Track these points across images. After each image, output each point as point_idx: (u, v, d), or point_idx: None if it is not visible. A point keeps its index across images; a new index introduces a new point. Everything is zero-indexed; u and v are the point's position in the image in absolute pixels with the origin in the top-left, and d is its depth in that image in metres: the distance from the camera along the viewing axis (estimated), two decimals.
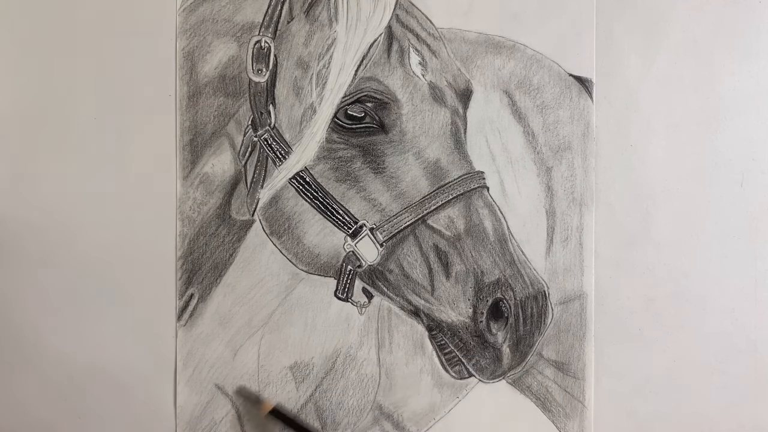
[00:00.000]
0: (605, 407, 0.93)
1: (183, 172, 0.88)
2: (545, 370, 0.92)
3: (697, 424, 0.94)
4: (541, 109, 0.93)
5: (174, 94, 0.88)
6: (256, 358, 0.89)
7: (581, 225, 0.93)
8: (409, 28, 0.88)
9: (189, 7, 0.88)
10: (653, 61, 0.94)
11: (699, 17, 0.94)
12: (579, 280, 0.93)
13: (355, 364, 0.90)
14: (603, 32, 0.93)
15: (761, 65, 0.95)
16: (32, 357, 0.88)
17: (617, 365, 0.93)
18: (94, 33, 0.88)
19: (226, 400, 0.89)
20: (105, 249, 0.88)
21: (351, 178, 0.87)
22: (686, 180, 0.94)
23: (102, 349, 0.88)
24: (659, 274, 0.94)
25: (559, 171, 0.93)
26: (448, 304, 0.86)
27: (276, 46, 0.87)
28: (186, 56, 0.88)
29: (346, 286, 0.88)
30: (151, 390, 0.88)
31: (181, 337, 0.88)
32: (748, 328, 0.95)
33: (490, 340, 0.86)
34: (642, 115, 0.94)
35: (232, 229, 0.88)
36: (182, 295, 0.88)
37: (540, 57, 0.92)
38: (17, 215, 0.87)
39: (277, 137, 0.87)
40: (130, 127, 0.88)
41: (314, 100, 0.86)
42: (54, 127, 0.87)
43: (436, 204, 0.86)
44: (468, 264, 0.86)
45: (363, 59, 0.86)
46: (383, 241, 0.86)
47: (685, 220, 0.94)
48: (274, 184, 0.87)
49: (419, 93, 0.87)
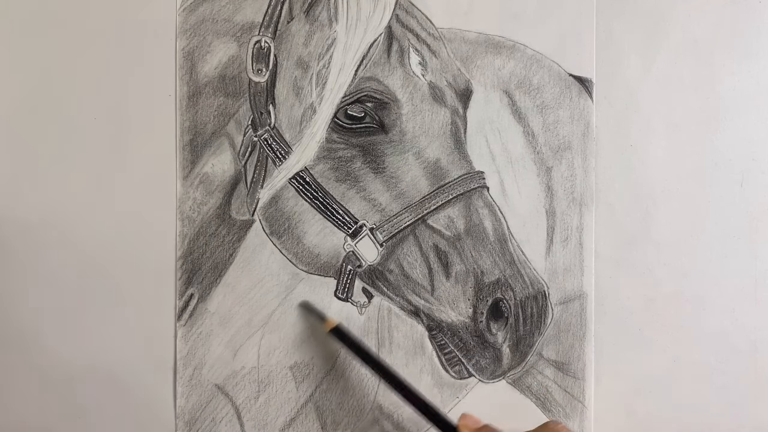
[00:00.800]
0: (605, 407, 0.93)
1: (183, 172, 0.88)
2: (545, 370, 0.92)
3: (697, 424, 0.94)
4: (541, 109, 0.93)
5: (174, 94, 0.88)
6: (256, 358, 0.89)
7: (581, 225, 0.93)
8: (409, 28, 0.88)
9: (189, 7, 0.88)
10: (653, 61, 0.94)
11: (699, 17, 0.94)
12: (579, 280, 0.93)
13: (355, 364, 0.90)
14: (603, 32, 0.93)
15: (761, 65, 0.95)
16: (32, 357, 0.88)
17: (617, 365, 0.93)
18: (94, 33, 0.87)
19: (226, 400, 0.89)
20: (105, 249, 0.88)
21: (351, 178, 0.87)
22: (686, 180, 0.94)
23: (102, 349, 0.88)
24: (659, 274, 0.94)
25: (559, 171, 0.93)
26: (448, 304, 0.86)
27: (276, 46, 0.87)
28: (186, 56, 0.88)
29: (346, 286, 0.88)
30: (150, 390, 0.88)
31: (180, 337, 0.88)
32: (748, 328, 0.95)
33: (490, 340, 0.86)
34: (642, 115, 0.94)
35: (232, 229, 0.88)
36: (182, 295, 0.88)
37: (540, 57, 0.92)
38: (17, 215, 0.87)
39: (277, 137, 0.87)
40: (130, 127, 0.88)
41: (314, 100, 0.86)
42: (54, 127, 0.87)
43: (436, 204, 0.86)
44: (468, 264, 0.86)
45: (363, 59, 0.86)
46: (383, 241, 0.86)
47: (685, 220, 0.94)
48: (274, 184, 0.87)
49: (419, 93, 0.87)
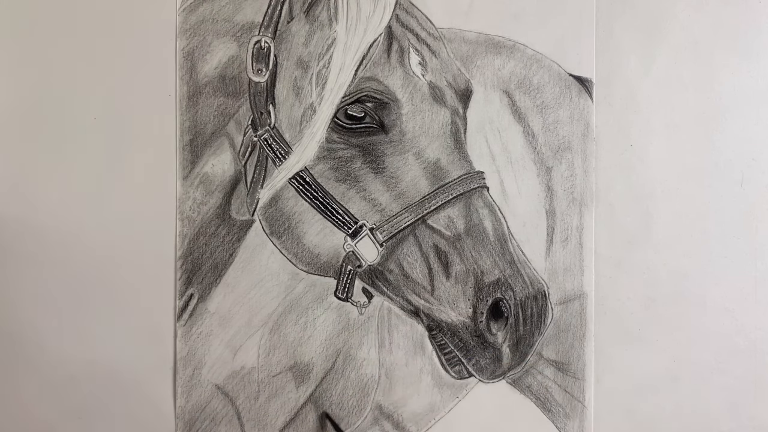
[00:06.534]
0: (605, 407, 0.93)
1: (183, 172, 0.88)
2: (545, 370, 0.92)
3: (697, 424, 0.94)
4: (541, 109, 0.93)
5: (174, 94, 0.88)
6: (256, 358, 0.89)
7: (581, 225, 0.93)
8: (409, 28, 0.88)
9: (189, 7, 0.88)
10: (653, 61, 0.94)
11: (699, 17, 0.94)
12: (579, 280, 0.93)
13: (355, 364, 0.90)
14: (603, 32, 0.93)
15: (761, 65, 0.95)
16: (32, 357, 0.88)
17: (617, 365, 0.93)
18: (94, 33, 0.88)
19: (226, 400, 0.89)
20: (105, 249, 0.88)
21: (351, 178, 0.87)
22: (686, 180, 0.94)
23: (102, 349, 0.88)
24: (659, 274, 0.94)
25: (559, 171, 0.93)
26: (448, 304, 0.86)
27: (276, 46, 0.87)
28: (186, 56, 0.88)
29: (346, 286, 0.88)
30: (151, 390, 0.88)
31: (180, 337, 0.88)
32: (748, 328, 0.95)
33: (490, 340, 0.86)
34: (642, 115, 0.94)
35: (232, 229, 0.88)
36: (182, 295, 0.88)
37: (540, 57, 0.92)
38: (17, 215, 0.87)
39: (277, 137, 0.87)
40: (130, 127, 0.88)
41: (314, 100, 0.86)
42: (54, 127, 0.87)
43: (436, 204, 0.86)
44: (468, 264, 0.86)
45: (363, 59, 0.86)
46: (383, 241, 0.86)
47: (685, 220, 0.94)
48: (274, 184, 0.87)
49: (419, 93, 0.87)
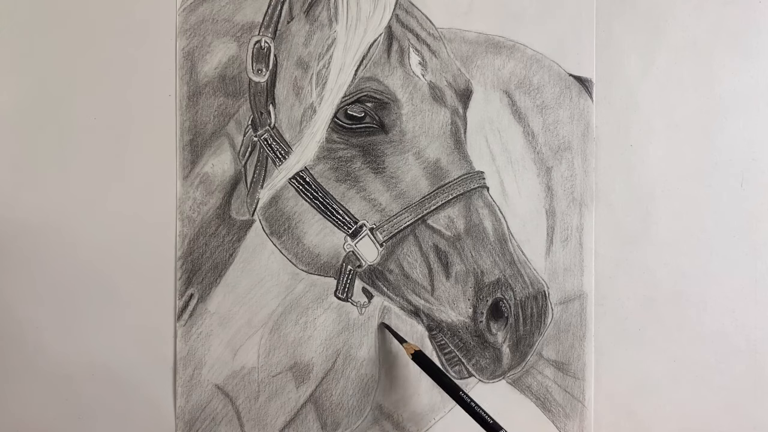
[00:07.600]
0: (605, 407, 0.93)
1: (183, 172, 0.88)
2: (545, 370, 0.92)
3: (697, 424, 0.94)
4: (541, 109, 0.93)
5: (174, 94, 0.88)
6: (256, 358, 0.89)
7: (581, 225, 0.93)
8: (409, 28, 0.88)
9: (189, 7, 0.88)
10: (653, 61, 0.94)
11: (699, 17, 0.94)
12: (579, 280, 0.93)
13: (355, 364, 0.90)
14: (603, 32, 0.93)
15: (761, 65, 0.95)
16: (32, 357, 0.88)
17: (617, 365, 0.93)
18: (94, 33, 0.87)
19: (227, 400, 0.89)
20: (105, 249, 0.88)
21: (351, 178, 0.87)
22: (686, 180, 0.94)
23: (102, 349, 0.88)
24: (659, 274, 0.94)
25: (559, 171, 0.93)
26: (448, 304, 0.86)
27: (276, 46, 0.87)
28: (186, 56, 0.88)
29: (346, 286, 0.88)
30: (150, 390, 0.88)
31: (180, 337, 0.88)
32: (748, 328, 0.95)
33: (490, 340, 0.86)
34: (642, 115, 0.94)
35: (232, 229, 0.88)
36: (182, 295, 0.88)
37: (540, 57, 0.92)
38: (17, 215, 0.87)
39: (277, 137, 0.87)
40: (130, 127, 0.88)
41: (314, 100, 0.86)
42: (54, 127, 0.87)
43: (436, 204, 0.86)
44: (468, 264, 0.86)
45: (363, 59, 0.86)
46: (383, 241, 0.86)
47: (685, 220, 0.94)
48: (274, 184, 0.87)
49: (419, 93, 0.87)
